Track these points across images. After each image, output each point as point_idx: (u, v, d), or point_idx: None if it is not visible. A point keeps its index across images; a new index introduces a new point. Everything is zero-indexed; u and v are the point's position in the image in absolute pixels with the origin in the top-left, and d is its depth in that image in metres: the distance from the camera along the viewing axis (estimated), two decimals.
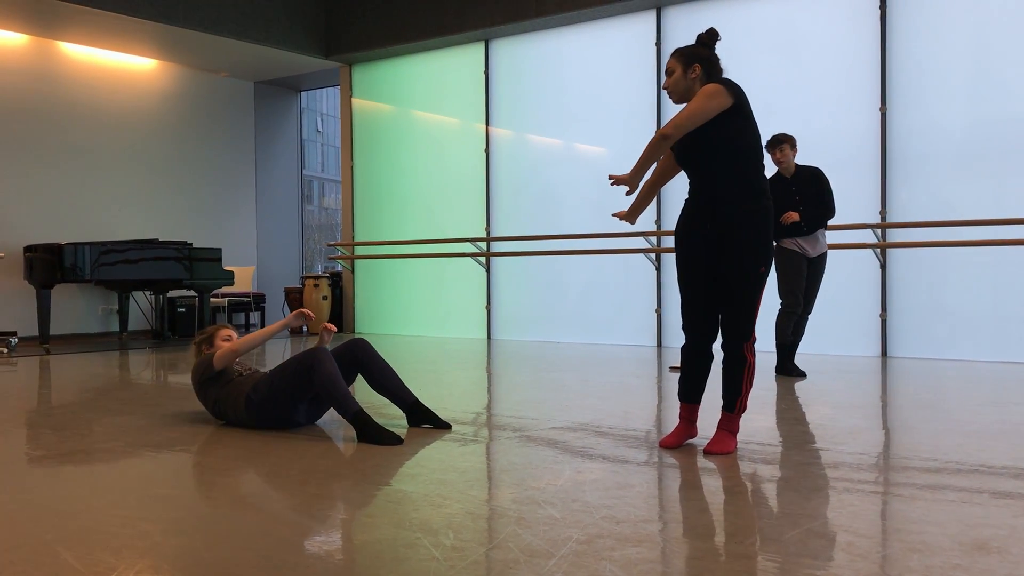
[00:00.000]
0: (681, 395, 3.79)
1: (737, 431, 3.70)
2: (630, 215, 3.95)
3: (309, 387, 4.07)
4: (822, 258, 6.13)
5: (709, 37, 3.66)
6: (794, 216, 5.87)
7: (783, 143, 6.04)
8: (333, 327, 4.39)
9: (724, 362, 3.65)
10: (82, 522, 2.69)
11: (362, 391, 4.79)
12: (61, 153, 10.18)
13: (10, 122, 9.76)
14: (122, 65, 10.82)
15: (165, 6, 9.46)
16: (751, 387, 3.64)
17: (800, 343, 6.27)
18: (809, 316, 6.20)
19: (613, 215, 4.08)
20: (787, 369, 6.20)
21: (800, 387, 5.72)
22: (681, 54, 3.64)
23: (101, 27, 9.64)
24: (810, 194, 6.01)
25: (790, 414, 4.81)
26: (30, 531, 2.60)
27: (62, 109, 10.21)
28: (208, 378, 4.34)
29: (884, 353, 7.77)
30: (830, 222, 6.23)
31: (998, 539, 2.43)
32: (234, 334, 4.49)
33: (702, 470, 3.33)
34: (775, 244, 6.05)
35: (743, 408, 3.65)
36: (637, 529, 2.54)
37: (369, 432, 3.86)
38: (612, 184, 3.74)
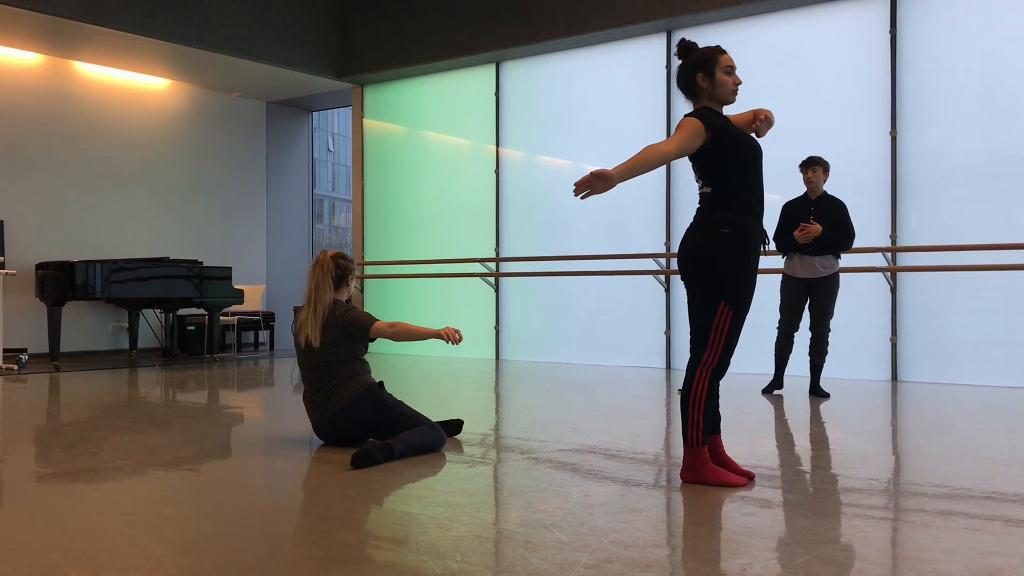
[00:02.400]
0: (714, 429, 3.58)
1: None
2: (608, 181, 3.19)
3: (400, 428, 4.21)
4: (824, 281, 6.22)
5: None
6: (816, 228, 6.03)
7: (816, 165, 6.27)
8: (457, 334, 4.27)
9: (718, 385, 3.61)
10: (90, 541, 2.69)
11: None
12: (74, 171, 10.26)
13: (24, 140, 9.84)
14: (135, 84, 10.92)
15: (179, 27, 9.55)
16: None
17: (823, 365, 6.38)
18: (824, 336, 6.25)
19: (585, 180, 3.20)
20: (776, 385, 6.51)
21: (809, 411, 5.70)
22: None
23: (115, 47, 9.73)
24: (826, 219, 6.15)
25: (800, 438, 4.78)
26: (38, 549, 2.60)
27: (76, 127, 10.30)
28: (360, 339, 4.31)
29: (894, 377, 7.73)
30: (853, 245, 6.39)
31: (1010, 568, 2.40)
32: None
33: (711, 494, 3.31)
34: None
35: None
36: (645, 554, 2.53)
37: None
38: (583, 190, 3.19)
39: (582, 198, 3.24)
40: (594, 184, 3.18)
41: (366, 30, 10.97)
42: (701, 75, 3.48)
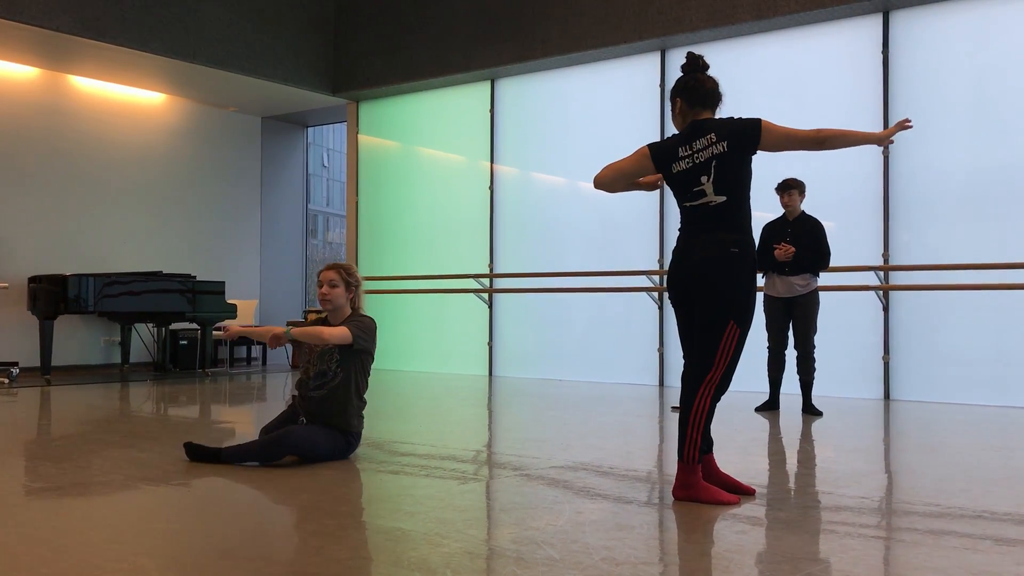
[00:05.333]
0: (707, 448, 3.58)
1: None
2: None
3: None
4: (802, 299, 6.30)
5: (687, 64, 3.63)
6: (790, 249, 6.14)
7: (792, 188, 6.39)
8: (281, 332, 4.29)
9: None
10: (79, 556, 2.68)
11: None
12: (68, 185, 10.25)
13: (19, 154, 9.84)
14: (131, 99, 10.93)
15: (175, 42, 9.58)
16: None
17: (813, 383, 6.42)
18: (809, 353, 6.29)
19: None
20: (772, 406, 6.53)
21: (801, 429, 5.70)
22: (671, 92, 3.67)
23: (111, 61, 9.75)
24: (802, 239, 6.26)
25: (792, 456, 4.78)
26: (26, 565, 2.58)
27: (71, 142, 10.30)
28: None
29: (887, 396, 7.74)
30: (830, 264, 6.41)
31: None
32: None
33: (703, 512, 3.30)
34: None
35: None
36: (637, 572, 2.52)
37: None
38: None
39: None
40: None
41: (362, 46, 11.01)
42: None
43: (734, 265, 3.40)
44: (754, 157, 3.53)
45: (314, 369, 4.34)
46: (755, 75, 8.41)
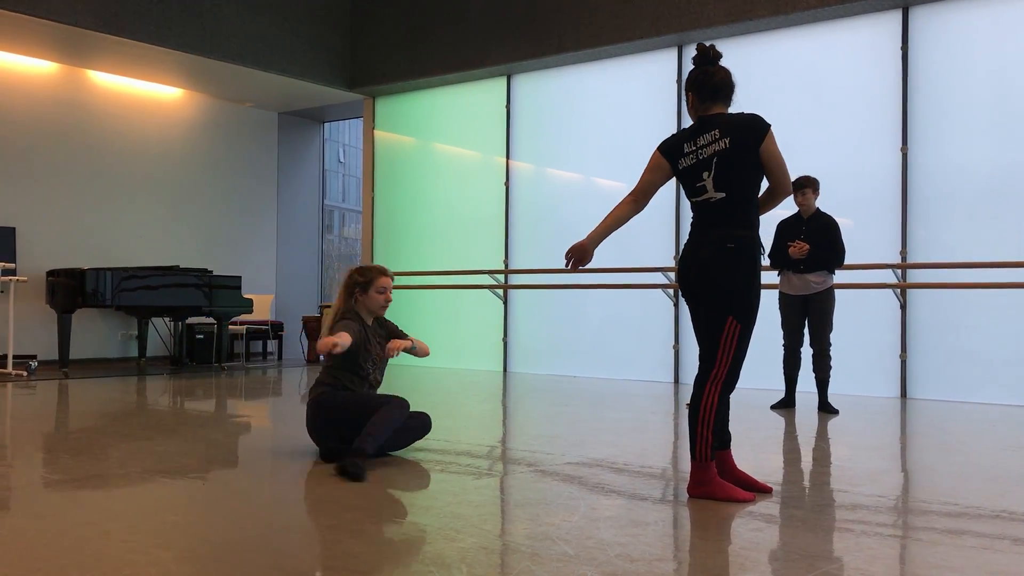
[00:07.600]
0: (723, 444, 3.58)
1: None
2: (588, 251, 3.71)
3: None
4: (818, 296, 6.25)
5: (698, 56, 3.60)
6: (804, 246, 6.09)
7: (806, 187, 6.33)
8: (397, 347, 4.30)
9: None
10: (96, 547, 2.70)
11: None
12: (86, 179, 10.32)
13: (38, 148, 9.91)
14: (149, 94, 10.99)
15: (192, 37, 9.62)
16: None
17: (829, 380, 6.37)
18: (825, 351, 6.26)
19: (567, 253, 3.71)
20: (787, 403, 6.50)
21: (817, 427, 5.67)
22: (684, 85, 3.66)
23: (130, 56, 9.81)
24: (817, 237, 6.21)
25: (808, 454, 4.76)
26: (44, 556, 2.60)
27: (89, 136, 10.36)
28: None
29: (904, 394, 7.70)
30: (847, 261, 6.38)
31: None
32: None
33: (718, 509, 3.30)
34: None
35: None
36: (651, 568, 2.52)
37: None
38: (568, 264, 3.69)
39: None
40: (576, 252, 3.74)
41: (378, 42, 11.03)
42: None
43: (731, 260, 3.40)
44: None
45: (376, 377, 4.47)
46: (773, 72, 8.36)
